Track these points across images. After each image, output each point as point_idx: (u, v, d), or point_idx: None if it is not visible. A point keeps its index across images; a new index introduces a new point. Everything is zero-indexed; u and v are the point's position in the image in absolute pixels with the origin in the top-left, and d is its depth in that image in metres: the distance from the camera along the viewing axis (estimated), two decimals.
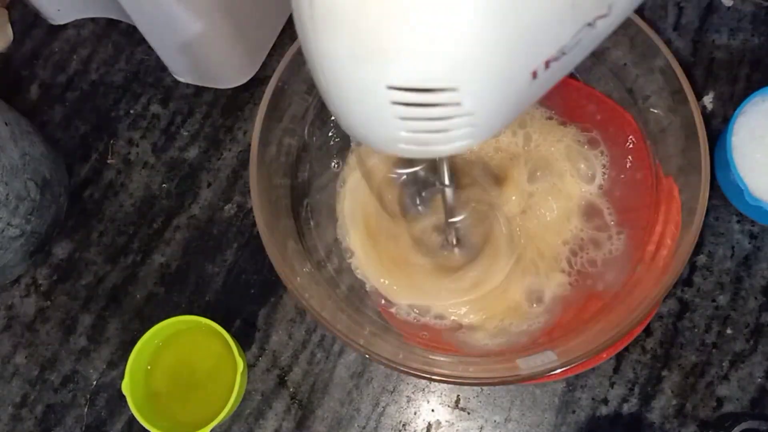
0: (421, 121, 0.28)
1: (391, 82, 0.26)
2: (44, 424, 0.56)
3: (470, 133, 0.29)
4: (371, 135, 0.31)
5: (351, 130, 0.31)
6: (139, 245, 0.60)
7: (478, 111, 0.28)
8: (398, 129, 0.29)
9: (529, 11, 0.26)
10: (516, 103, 0.30)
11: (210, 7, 0.54)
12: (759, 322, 0.54)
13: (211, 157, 0.62)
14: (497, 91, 0.28)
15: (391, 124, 0.28)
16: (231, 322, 0.57)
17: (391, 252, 0.51)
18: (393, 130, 0.29)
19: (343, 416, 0.55)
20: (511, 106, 0.30)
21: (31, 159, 0.56)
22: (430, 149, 0.30)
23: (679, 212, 0.45)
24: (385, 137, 0.30)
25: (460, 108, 0.27)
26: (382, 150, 0.32)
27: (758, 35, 0.61)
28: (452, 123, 0.28)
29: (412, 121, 0.28)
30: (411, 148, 0.30)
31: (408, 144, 0.30)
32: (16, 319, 0.59)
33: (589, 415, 0.53)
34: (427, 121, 0.28)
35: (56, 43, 0.67)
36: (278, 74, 0.46)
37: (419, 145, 0.30)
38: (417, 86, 0.27)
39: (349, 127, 0.31)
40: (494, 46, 0.26)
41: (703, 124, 0.43)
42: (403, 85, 0.27)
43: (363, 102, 0.28)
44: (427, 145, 0.30)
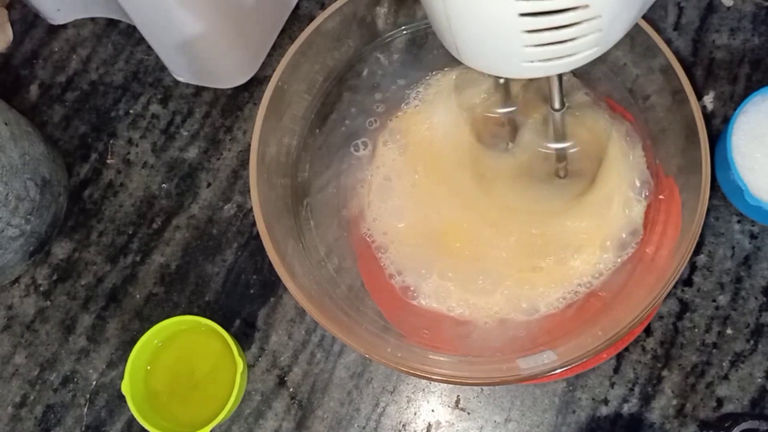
0: (549, 32, 0.28)
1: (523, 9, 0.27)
2: (44, 424, 0.56)
3: (596, 40, 0.29)
4: (497, 58, 0.30)
5: (476, 57, 0.31)
6: (138, 245, 0.60)
7: (605, 14, 0.28)
8: (526, 45, 0.29)
9: None
10: (638, 5, 0.30)
11: (210, 7, 0.54)
12: (759, 322, 0.54)
13: (210, 157, 0.62)
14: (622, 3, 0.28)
15: (519, 40, 0.28)
16: (231, 322, 0.57)
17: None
18: (520, 48, 0.29)
19: (343, 416, 0.55)
20: (634, 7, 0.30)
21: (30, 159, 0.56)
22: (556, 63, 0.30)
23: (679, 212, 0.45)
24: (511, 57, 0.30)
25: (588, 11, 0.27)
26: (506, 74, 0.32)
27: (758, 35, 0.61)
28: (580, 29, 0.28)
29: (539, 34, 0.28)
30: (536, 65, 0.30)
31: (534, 61, 0.30)
32: (15, 319, 0.59)
33: (589, 415, 0.53)
34: (555, 31, 0.28)
35: (56, 43, 0.67)
36: (278, 74, 0.46)
37: (545, 60, 0.30)
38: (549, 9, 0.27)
39: (473, 54, 0.30)
40: None
41: (703, 124, 0.43)
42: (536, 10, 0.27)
43: (492, 21, 0.28)
44: (553, 59, 0.30)
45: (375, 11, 0.50)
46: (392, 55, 0.53)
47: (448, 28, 0.29)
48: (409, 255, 0.50)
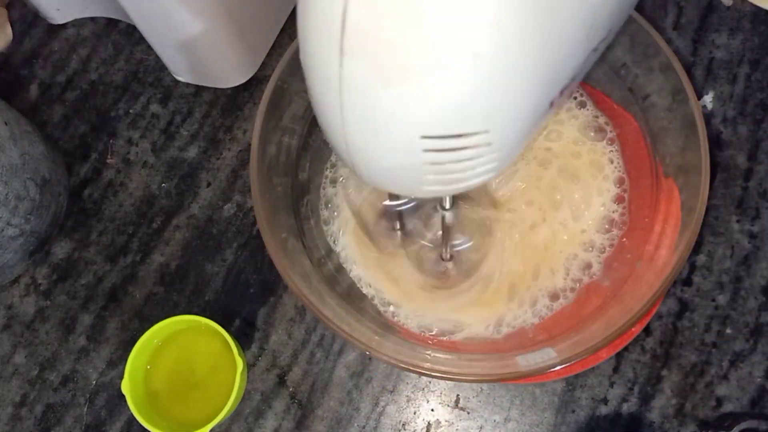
0: (451, 164, 0.29)
1: (427, 132, 0.27)
2: (44, 423, 0.56)
3: (495, 166, 0.30)
4: (396, 183, 0.31)
5: (372, 179, 0.31)
6: (138, 245, 0.60)
7: (505, 146, 0.29)
8: (426, 174, 0.29)
9: (554, 50, 0.27)
10: (534, 131, 0.31)
11: (210, 7, 0.54)
12: (759, 322, 0.54)
13: (210, 157, 0.62)
14: (523, 126, 0.29)
15: (420, 170, 0.29)
16: (230, 322, 0.57)
17: (390, 270, 0.52)
18: (421, 176, 0.29)
19: (343, 416, 0.55)
20: (531, 134, 0.31)
21: (30, 158, 0.56)
22: (455, 186, 0.31)
23: (678, 212, 0.45)
24: (411, 183, 0.31)
25: (490, 147, 0.28)
26: (404, 194, 0.32)
27: (758, 35, 0.61)
28: (480, 161, 0.29)
29: (441, 165, 0.29)
30: (436, 188, 0.31)
31: (433, 185, 0.30)
32: (15, 319, 0.59)
33: (588, 415, 0.53)
34: (457, 163, 0.29)
35: (56, 42, 0.67)
36: (278, 73, 0.46)
37: (445, 184, 0.30)
38: (452, 133, 0.27)
39: (371, 177, 0.31)
40: (524, 87, 0.27)
41: (703, 124, 0.43)
42: (438, 134, 0.27)
43: (393, 154, 0.28)
44: (452, 184, 0.30)
45: None
46: None
47: (345, 149, 0.29)
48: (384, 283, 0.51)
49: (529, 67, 0.26)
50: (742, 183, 0.57)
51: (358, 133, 0.28)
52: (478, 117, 0.27)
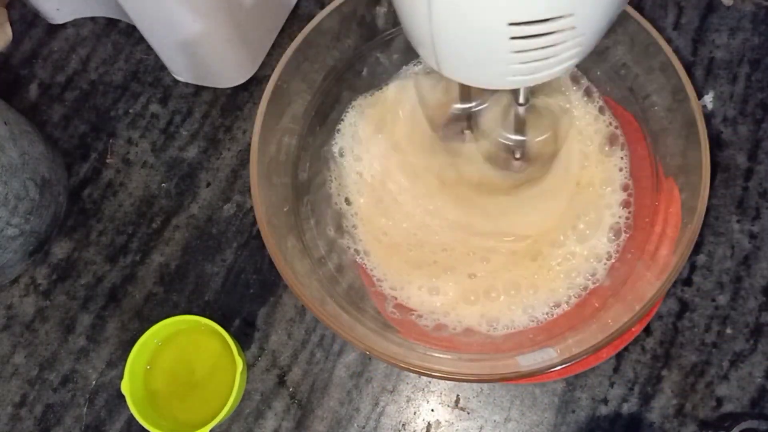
0: (536, 51, 0.29)
1: (513, 18, 0.27)
2: (43, 423, 0.56)
3: (577, 52, 0.30)
4: (482, 73, 0.31)
5: (456, 73, 0.31)
6: (138, 245, 0.60)
7: (588, 30, 0.29)
8: (511, 63, 0.29)
9: None
10: (612, 15, 0.31)
11: (210, 7, 0.54)
12: (759, 322, 0.54)
13: (210, 157, 0.62)
14: (603, 8, 0.29)
15: (506, 59, 0.29)
16: (230, 322, 0.57)
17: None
18: (505, 65, 0.30)
19: (343, 416, 0.54)
20: (611, 16, 0.31)
21: (30, 158, 0.56)
22: (538, 75, 0.31)
23: (679, 212, 0.45)
24: (495, 74, 0.31)
25: (574, 31, 0.29)
26: (489, 86, 0.33)
27: (758, 35, 0.61)
28: (564, 46, 0.29)
29: (526, 53, 0.29)
30: (519, 78, 0.31)
31: (517, 75, 0.31)
32: (15, 319, 0.59)
33: (588, 415, 0.53)
34: (541, 50, 0.29)
35: (55, 42, 0.67)
36: (278, 73, 0.46)
37: (528, 73, 0.31)
38: (537, 18, 0.27)
39: (455, 70, 0.31)
40: None
41: (704, 124, 0.43)
42: (524, 20, 0.27)
43: (481, 42, 0.29)
44: (536, 72, 0.31)
45: (374, 10, 0.50)
46: (392, 53, 0.53)
47: (431, 43, 0.30)
48: (388, 263, 0.51)
49: None
50: (742, 183, 0.57)
51: (446, 25, 0.28)
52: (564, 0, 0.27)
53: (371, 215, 0.52)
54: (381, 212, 0.52)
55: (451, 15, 0.28)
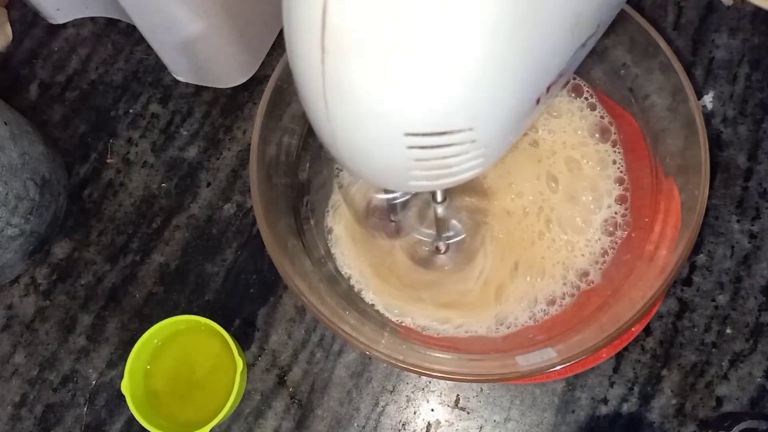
0: (436, 160, 0.29)
1: (410, 130, 0.27)
2: (43, 423, 0.56)
3: (481, 162, 0.30)
4: (383, 178, 0.31)
5: (360, 174, 0.31)
6: (138, 245, 0.60)
7: (490, 142, 0.29)
8: (412, 169, 0.29)
9: (538, 46, 0.27)
10: (521, 128, 0.31)
11: (210, 7, 0.54)
12: (759, 322, 0.54)
13: (210, 157, 0.62)
14: (508, 123, 0.29)
15: (406, 166, 0.29)
16: (230, 322, 0.57)
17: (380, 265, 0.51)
18: (406, 171, 0.29)
19: (343, 416, 0.55)
20: (517, 131, 0.31)
21: (30, 158, 0.56)
22: (441, 182, 0.31)
23: (678, 212, 0.45)
24: (397, 178, 0.31)
25: (474, 144, 0.28)
26: (392, 188, 0.32)
27: (758, 35, 0.61)
28: (465, 157, 0.29)
29: (426, 161, 0.29)
30: (422, 183, 0.31)
31: (419, 180, 0.30)
32: (15, 319, 0.59)
33: (588, 415, 0.53)
34: (441, 159, 0.29)
35: (55, 42, 0.67)
36: (278, 73, 0.46)
37: (431, 180, 0.30)
38: (434, 131, 0.27)
39: (358, 172, 0.31)
40: (507, 83, 0.27)
41: (703, 123, 0.43)
42: (421, 131, 0.27)
43: (378, 150, 0.29)
44: (438, 179, 0.30)
45: None
46: None
47: (333, 144, 0.30)
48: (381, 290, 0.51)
49: (514, 64, 0.26)
50: (742, 183, 0.57)
51: (344, 130, 0.28)
52: (462, 115, 0.27)
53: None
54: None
55: (348, 121, 0.28)
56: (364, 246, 0.51)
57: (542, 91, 0.29)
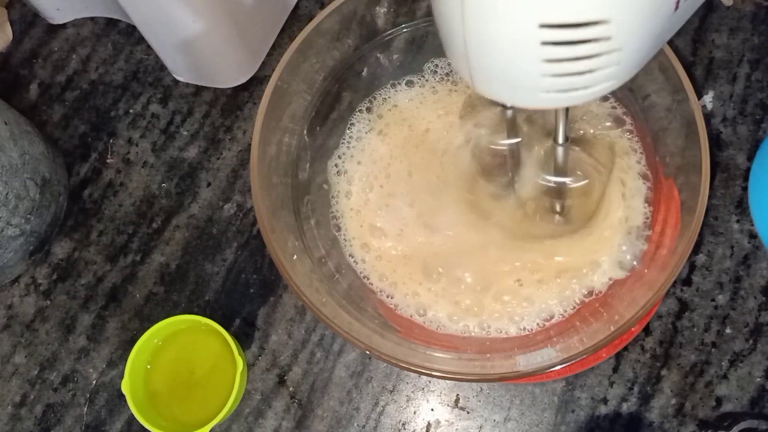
0: (569, 62, 0.28)
1: (545, 20, 0.26)
2: (44, 423, 0.56)
3: (614, 73, 0.29)
4: (513, 86, 0.30)
5: (490, 84, 0.31)
6: (138, 245, 0.60)
7: (626, 46, 0.28)
8: (544, 74, 0.28)
9: None
10: (657, 39, 0.30)
11: (210, 7, 0.54)
12: (758, 322, 0.54)
13: (210, 157, 0.62)
14: (645, 24, 0.28)
15: (538, 69, 0.28)
16: (230, 322, 0.57)
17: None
18: (538, 77, 0.29)
19: (343, 415, 0.55)
20: (653, 41, 0.29)
21: (30, 158, 0.56)
22: (573, 95, 0.30)
23: (678, 211, 0.45)
24: (528, 86, 0.30)
25: (610, 43, 0.27)
26: (520, 103, 0.32)
27: (758, 35, 0.61)
28: (599, 61, 0.28)
29: (559, 63, 0.28)
30: (552, 96, 0.30)
31: (550, 91, 0.29)
32: (15, 319, 0.59)
33: (588, 415, 0.53)
34: (575, 62, 0.28)
35: (55, 42, 0.67)
36: (278, 73, 0.46)
37: (562, 90, 0.29)
38: (570, 21, 0.26)
39: (488, 80, 0.30)
40: None
41: (703, 123, 0.43)
42: (556, 22, 0.26)
43: (511, 47, 0.28)
44: (569, 90, 0.29)
45: (374, 10, 0.50)
46: (392, 54, 0.53)
47: (464, 53, 0.29)
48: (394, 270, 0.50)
49: None
50: (742, 183, 0.57)
51: (479, 29, 0.28)
52: (598, 2, 0.26)
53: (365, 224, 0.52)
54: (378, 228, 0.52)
55: (484, 17, 0.27)
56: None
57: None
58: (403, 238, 0.51)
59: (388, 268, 0.50)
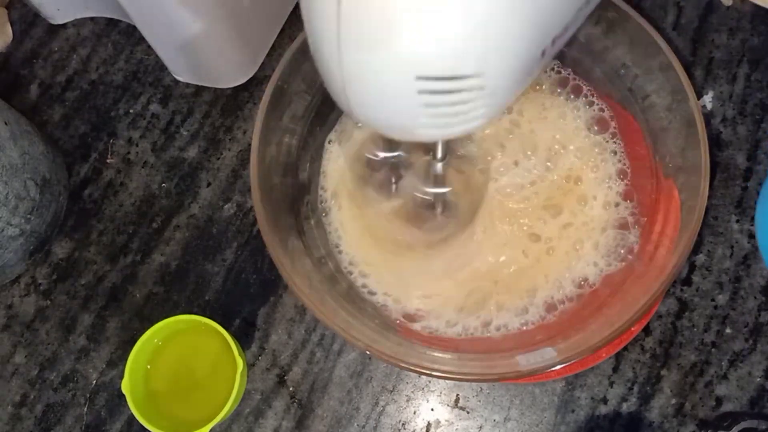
0: (444, 107, 0.30)
1: (422, 73, 0.28)
2: (44, 423, 0.56)
3: (487, 112, 0.31)
4: (391, 124, 0.32)
5: (369, 121, 0.32)
6: (138, 245, 0.60)
7: (498, 91, 0.30)
8: (420, 116, 0.30)
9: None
10: (526, 80, 0.32)
11: (210, 7, 0.54)
12: (758, 322, 0.54)
13: (210, 157, 0.62)
14: (515, 72, 0.30)
15: (414, 112, 0.30)
16: (230, 322, 0.57)
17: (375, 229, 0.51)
18: (415, 118, 0.30)
19: (343, 415, 0.55)
20: (523, 83, 0.32)
21: (30, 158, 0.56)
22: (449, 131, 0.32)
23: (678, 211, 0.45)
24: (405, 125, 0.32)
25: (483, 91, 0.29)
26: (398, 137, 0.33)
27: (757, 35, 0.61)
28: (473, 105, 0.30)
29: (435, 108, 0.30)
30: (429, 132, 0.32)
31: (427, 129, 0.31)
32: (15, 319, 0.59)
33: (588, 415, 0.53)
34: (450, 106, 0.30)
35: (56, 42, 0.67)
36: (278, 73, 0.46)
37: (438, 128, 0.31)
38: (445, 75, 0.28)
39: (367, 119, 0.32)
40: (518, 31, 0.28)
41: (703, 123, 0.43)
42: (432, 75, 0.28)
43: (389, 94, 0.30)
44: (446, 128, 0.31)
45: None
46: None
47: (343, 91, 0.31)
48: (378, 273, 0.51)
49: (523, 11, 0.28)
50: (741, 183, 0.57)
51: (356, 76, 0.29)
52: (472, 59, 0.28)
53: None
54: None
55: (362, 68, 0.29)
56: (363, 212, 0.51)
57: (548, 44, 0.30)
58: (400, 237, 0.51)
59: (387, 269, 0.51)
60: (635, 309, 0.41)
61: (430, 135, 0.33)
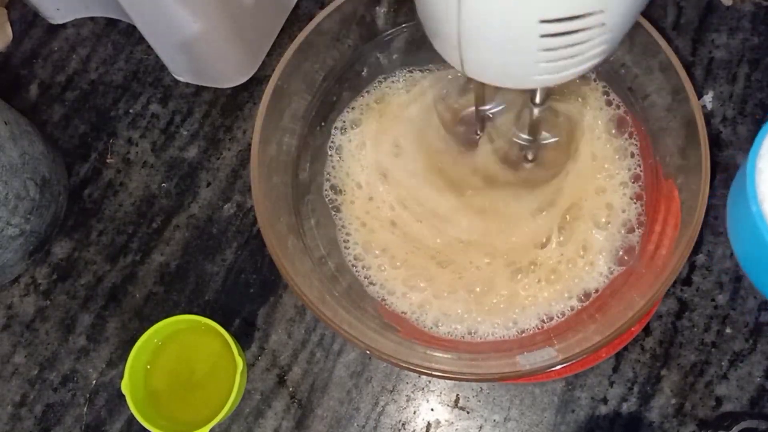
0: (564, 49, 0.29)
1: (545, 15, 0.28)
2: (44, 423, 0.56)
3: (604, 50, 0.31)
4: (508, 73, 0.31)
5: (482, 74, 0.32)
6: (138, 245, 0.60)
7: (616, 26, 0.30)
8: (540, 61, 0.30)
9: None
10: (637, 12, 0.31)
11: (209, 7, 0.54)
12: (758, 322, 0.54)
13: (210, 157, 0.62)
14: (632, 4, 0.30)
15: (534, 57, 0.30)
16: (230, 322, 0.57)
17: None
18: (534, 64, 0.30)
19: (343, 415, 0.55)
20: (636, 14, 0.31)
21: (30, 158, 0.56)
22: (564, 74, 0.31)
23: (678, 211, 0.45)
24: (522, 73, 0.31)
25: (604, 27, 0.29)
26: (512, 86, 0.33)
27: (757, 35, 0.61)
28: (592, 43, 0.30)
29: (555, 51, 0.29)
30: (545, 77, 0.31)
31: (543, 74, 0.31)
32: (15, 319, 0.59)
33: (588, 415, 0.53)
34: (570, 47, 0.29)
35: (55, 42, 0.67)
36: (278, 73, 0.46)
37: (555, 72, 0.31)
38: (569, 14, 0.28)
39: (481, 70, 0.31)
40: None
41: (703, 123, 0.43)
42: (556, 16, 0.28)
43: (510, 41, 0.29)
44: (562, 71, 0.31)
45: (374, 10, 0.50)
46: (392, 54, 0.53)
47: (457, 45, 0.30)
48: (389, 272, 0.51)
49: None
50: None
51: (476, 25, 0.29)
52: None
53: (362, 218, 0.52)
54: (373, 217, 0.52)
55: (482, 14, 0.28)
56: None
57: None
58: (400, 236, 0.51)
59: (388, 268, 0.50)
60: (635, 309, 0.41)
61: (546, 81, 0.32)
